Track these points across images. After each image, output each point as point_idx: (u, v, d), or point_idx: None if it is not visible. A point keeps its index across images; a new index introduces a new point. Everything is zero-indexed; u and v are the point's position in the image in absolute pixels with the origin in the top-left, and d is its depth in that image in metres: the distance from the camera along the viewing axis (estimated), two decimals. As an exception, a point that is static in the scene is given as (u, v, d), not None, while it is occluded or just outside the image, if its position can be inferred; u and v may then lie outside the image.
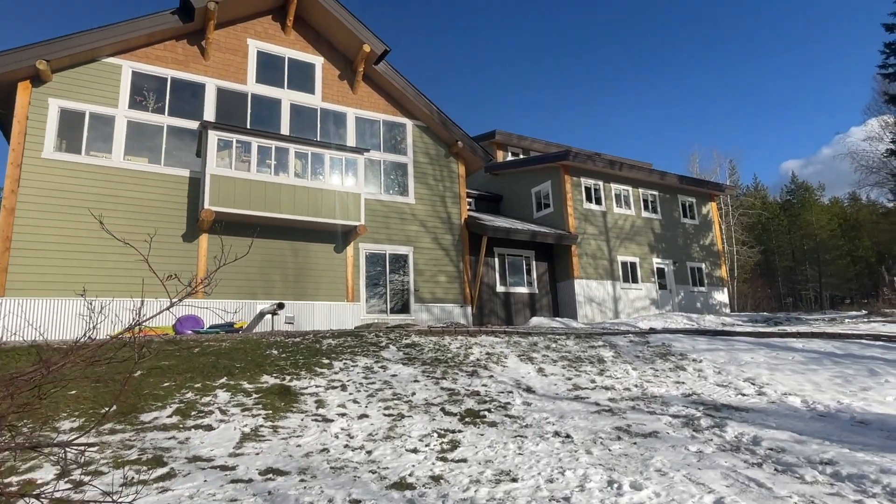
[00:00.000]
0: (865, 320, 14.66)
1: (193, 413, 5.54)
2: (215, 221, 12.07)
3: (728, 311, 20.72)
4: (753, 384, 7.38)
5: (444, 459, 4.43)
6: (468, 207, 18.85)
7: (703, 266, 20.54)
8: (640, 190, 19.72)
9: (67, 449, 2.83)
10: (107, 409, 5.60)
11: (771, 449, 4.77)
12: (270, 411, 5.71)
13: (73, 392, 6.06)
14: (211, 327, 11.29)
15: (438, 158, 16.27)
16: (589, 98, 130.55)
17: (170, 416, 5.43)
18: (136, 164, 12.01)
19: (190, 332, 10.80)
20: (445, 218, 15.88)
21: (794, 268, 50.88)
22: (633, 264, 18.64)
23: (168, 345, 8.25)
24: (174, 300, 2.65)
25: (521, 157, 22.84)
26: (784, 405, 6.45)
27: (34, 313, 10.16)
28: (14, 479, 3.94)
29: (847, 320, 15.18)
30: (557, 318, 15.65)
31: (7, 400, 2.33)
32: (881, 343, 9.84)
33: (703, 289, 20.28)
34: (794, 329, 12.28)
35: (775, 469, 4.25)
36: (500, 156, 22.61)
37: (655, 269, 19.16)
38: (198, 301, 11.50)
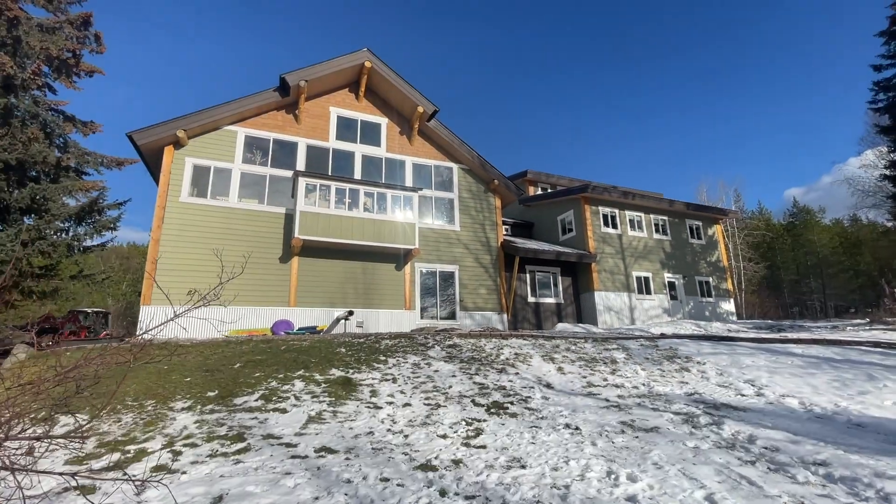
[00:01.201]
0: (867, 328, 12.99)
1: (274, 398, 5.62)
2: (303, 247, 12.54)
3: (735, 319, 19.09)
4: (753, 385, 6.64)
5: (467, 445, 4.23)
6: (504, 233, 18.60)
7: (711, 279, 19.17)
8: (652, 216, 18.79)
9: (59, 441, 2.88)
10: (210, 392, 5.77)
11: (765, 448, 4.20)
12: (333, 398, 5.70)
13: (188, 379, 6.33)
14: (299, 329, 11.62)
15: (479, 194, 16.21)
16: (605, 132, 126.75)
17: (256, 401, 5.54)
18: (247, 205, 12.72)
19: (283, 333, 11.15)
20: (485, 242, 15.73)
21: (798, 281, 46.34)
22: (646, 278, 17.66)
23: (262, 343, 8.53)
24: (179, 311, 2.66)
25: (549, 190, 22.42)
26: (781, 406, 5.73)
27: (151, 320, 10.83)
28: (132, 447, 4.11)
29: (849, 328, 13.52)
30: (580, 325, 14.99)
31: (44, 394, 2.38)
32: (881, 350, 8.64)
33: (710, 299, 18.86)
34: (794, 335, 11.06)
35: (768, 468, 3.73)
36: (531, 190, 22.30)
37: (667, 283, 18.05)
38: (290, 309, 11.91)
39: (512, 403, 5.68)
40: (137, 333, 2.72)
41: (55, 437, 2.73)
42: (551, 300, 16.61)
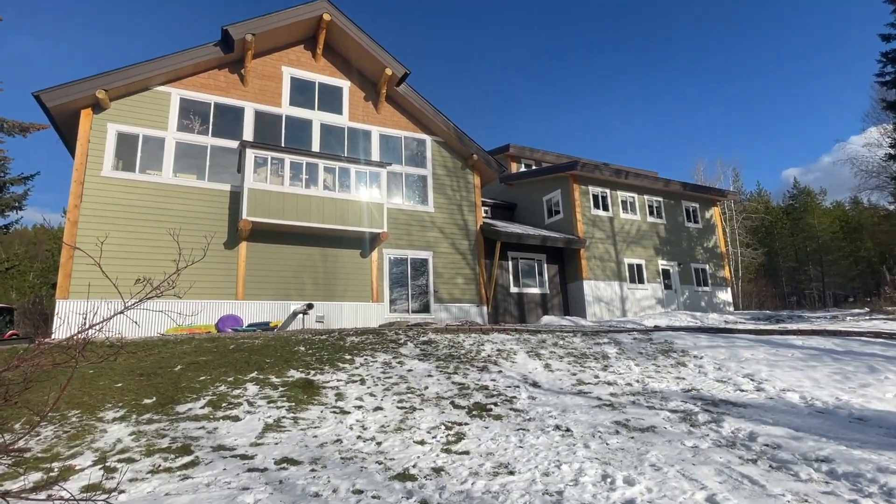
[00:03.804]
0: (867, 318, 13.90)
1: (224, 405, 5.52)
2: (253, 230, 12.23)
3: (731, 309, 19.98)
4: (752, 380, 7.01)
5: (448, 451, 4.29)
6: (484, 215, 18.69)
7: (707, 267, 19.89)
8: (646, 196, 19.24)
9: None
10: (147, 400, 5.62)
11: (766, 445, 4.47)
12: (293, 403, 5.65)
13: (120, 385, 6.13)
14: (249, 325, 11.40)
15: (455, 170, 16.17)
16: (597, 109, 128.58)
17: (202, 408, 5.42)
18: (184, 181, 12.25)
19: (230, 330, 10.92)
20: (462, 225, 15.75)
21: (797, 268, 48.89)
22: (639, 266, 18.15)
23: (207, 342, 8.32)
24: (128, 303, 2.58)
25: (534, 168, 22.56)
26: (782, 401, 6.08)
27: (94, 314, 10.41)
28: (56, 464, 3.96)
29: (849, 318, 14.42)
30: (567, 317, 15.32)
31: None
32: (882, 340, 9.27)
33: (707, 288, 19.62)
34: (794, 326, 11.70)
35: (770, 466, 3.97)
36: (513, 167, 22.38)
37: (661, 271, 18.62)
38: (237, 302, 11.66)
39: (496, 404, 5.78)
40: (81, 330, 2.60)
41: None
42: (536, 290, 16.85)
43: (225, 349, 7.81)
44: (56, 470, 3.84)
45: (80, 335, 2.48)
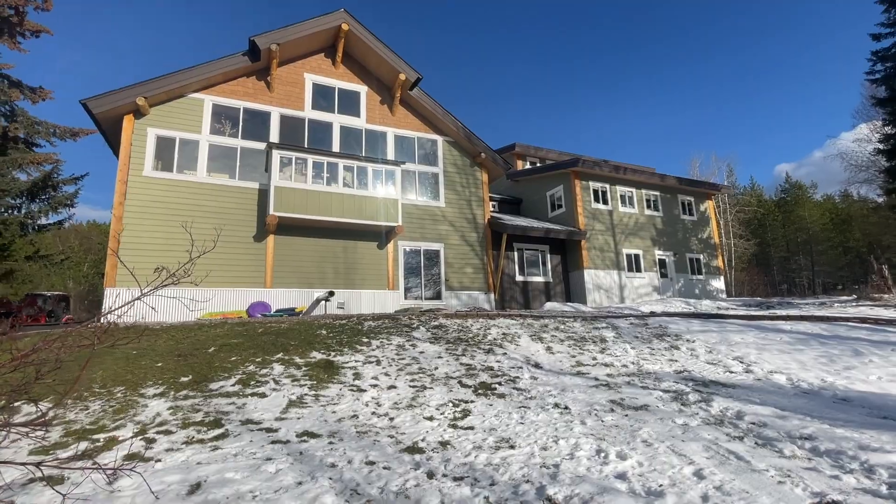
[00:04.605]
0: (854, 305, 13.55)
1: (252, 383, 5.59)
2: (279, 224, 12.33)
3: (724, 296, 19.67)
4: (741, 363, 6.89)
5: (454, 427, 4.30)
6: (491, 209, 18.61)
7: (701, 257, 19.59)
8: (644, 191, 18.96)
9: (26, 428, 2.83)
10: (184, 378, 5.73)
11: (753, 423, 4.39)
12: (315, 382, 5.71)
13: (160, 364, 6.25)
14: (277, 311, 11.54)
15: (465, 168, 16.09)
16: (600, 108, 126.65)
17: (233, 385, 5.51)
18: (217, 179, 12.38)
19: (259, 315, 11.07)
20: (471, 218, 15.70)
21: (788, 258, 47.85)
22: (636, 256, 17.96)
23: (238, 326, 8.44)
24: (145, 291, 2.60)
25: (538, 165, 22.36)
26: (769, 382, 5.97)
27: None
28: (102, 435, 4.06)
29: (836, 304, 14.08)
30: (569, 304, 15.24)
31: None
32: (867, 326, 9.03)
33: (701, 277, 19.33)
34: (783, 312, 11.46)
35: (755, 443, 3.90)
36: (519, 164, 22.20)
37: (657, 260, 18.40)
38: (266, 290, 11.80)
39: (500, 384, 5.78)
40: (101, 315, 2.63)
41: (14, 426, 2.67)
42: (540, 279, 16.78)
43: (254, 332, 7.92)
44: (101, 440, 3.94)
45: (97, 321, 2.51)
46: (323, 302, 12.36)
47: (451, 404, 4.97)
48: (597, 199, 17.84)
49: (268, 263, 12.31)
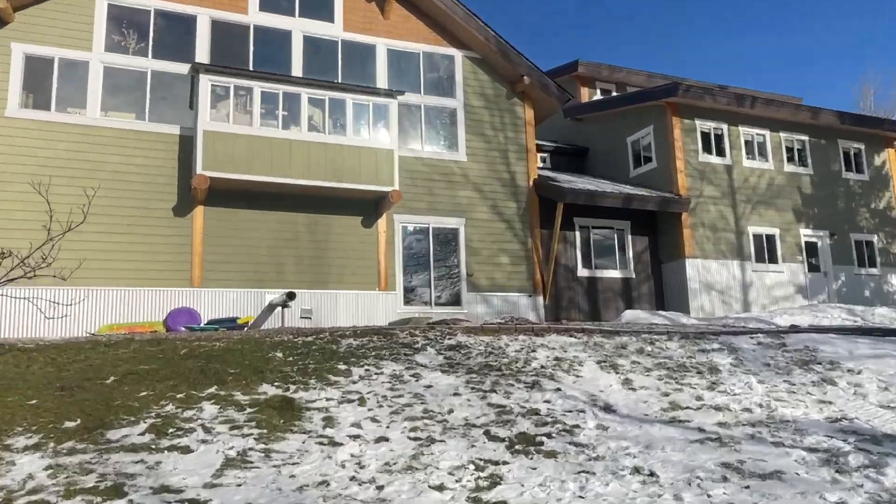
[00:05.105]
0: None
1: (171, 430, 5.71)
2: (212, 190, 12.46)
3: (912, 301, 19.30)
4: (936, 406, 6.76)
5: (476, 501, 4.32)
6: (540, 165, 18.47)
7: (875, 239, 19.24)
8: (783, 134, 18.65)
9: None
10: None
11: (952, 502, 4.30)
12: (265, 430, 5.80)
13: (34, 402, 6.43)
14: (209, 323, 11.74)
15: (498, 101, 15.98)
16: (709, 13, 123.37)
17: (142, 434, 5.63)
18: (117, 121, 12.56)
19: (183, 329, 11.28)
20: (508, 179, 15.63)
21: None
22: (769, 238, 17.76)
23: (150, 345, 8.62)
24: None
25: (613, 94, 22.07)
26: (980, 437, 5.84)
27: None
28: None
29: None
30: (660, 312, 15.15)
31: None
32: None
33: (874, 271, 19.01)
34: None
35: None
36: (584, 94, 21.95)
37: (803, 244, 18.17)
38: (192, 291, 12.00)
39: (549, 436, 5.78)
40: None
41: None
42: (615, 274, 16.72)
43: (174, 355, 8.07)
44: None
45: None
46: (279, 309, 12.51)
47: (472, 466, 5.00)
48: (707, 149, 17.59)
49: (195, 250, 12.48)
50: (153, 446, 5.34)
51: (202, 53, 13.42)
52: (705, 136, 17.61)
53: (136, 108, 12.84)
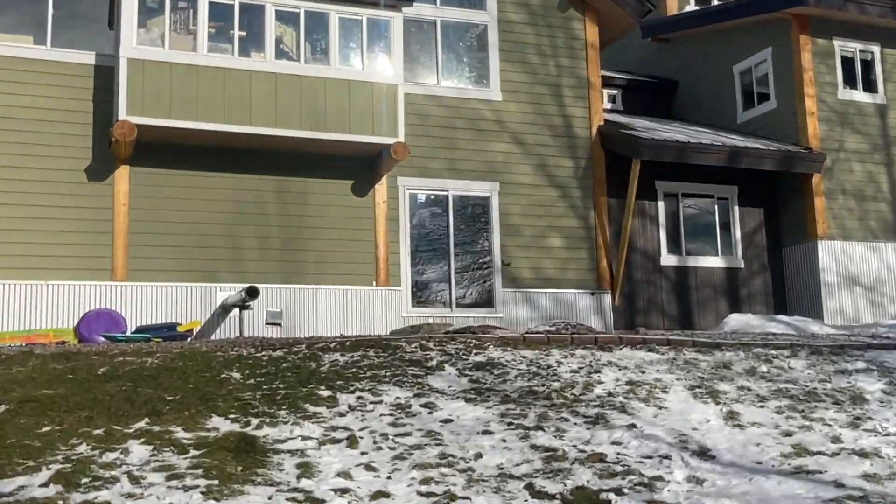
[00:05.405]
0: None
1: (85, 481, 5.74)
2: (140, 143, 12.51)
3: None
4: None
5: (514, 584, 4.33)
6: (607, 107, 18.34)
7: None
8: (961, 58, 18.40)
9: None
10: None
11: None
12: (216, 481, 5.81)
13: None
14: (138, 330, 11.82)
15: (546, 13, 15.94)
16: None
17: (44, 486, 5.66)
18: (8, 48, 12.62)
19: (102, 339, 11.37)
20: (561, 127, 15.63)
21: None
22: (941, 210, 17.57)
23: (57, 361, 8.69)
24: None
25: (715, 2, 21.83)
26: None
27: None
28: None
29: None
30: (780, 317, 15.03)
31: None
32: None
33: None
34: None
35: None
36: (671, 3, 21.72)
37: None
38: (114, 285, 12.08)
39: (619, 492, 5.76)
40: None
41: None
42: (715, 262, 16.78)
43: (90, 375, 8.13)
44: None
45: None
46: (236, 311, 12.57)
47: (509, 535, 5.01)
48: (850, 81, 17.56)
49: (117, 229, 12.57)
50: (59, 502, 5.40)
51: (125, -51, 13.47)
52: (848, 62, 17.50)
53: (33, 30, 12.90)
